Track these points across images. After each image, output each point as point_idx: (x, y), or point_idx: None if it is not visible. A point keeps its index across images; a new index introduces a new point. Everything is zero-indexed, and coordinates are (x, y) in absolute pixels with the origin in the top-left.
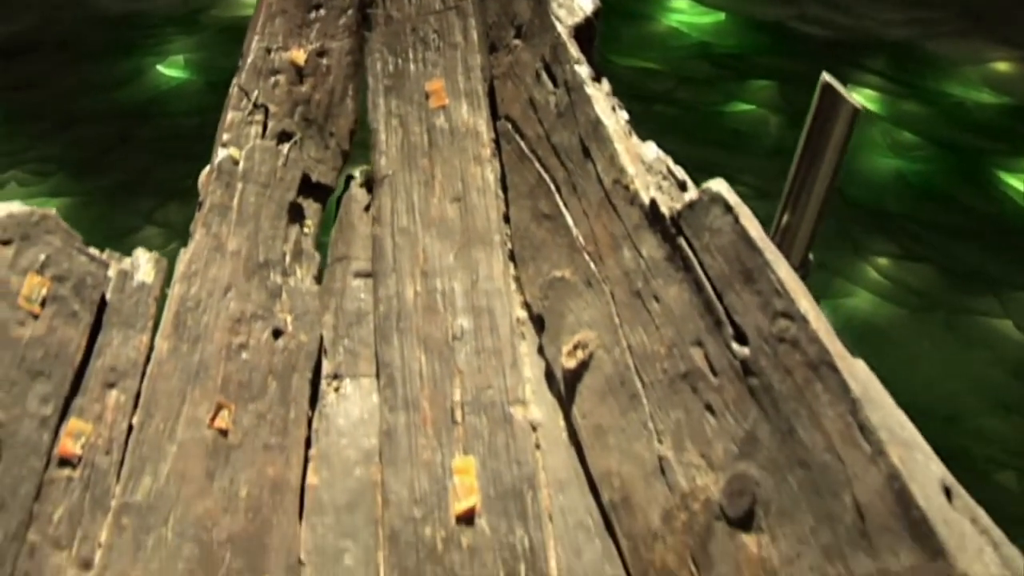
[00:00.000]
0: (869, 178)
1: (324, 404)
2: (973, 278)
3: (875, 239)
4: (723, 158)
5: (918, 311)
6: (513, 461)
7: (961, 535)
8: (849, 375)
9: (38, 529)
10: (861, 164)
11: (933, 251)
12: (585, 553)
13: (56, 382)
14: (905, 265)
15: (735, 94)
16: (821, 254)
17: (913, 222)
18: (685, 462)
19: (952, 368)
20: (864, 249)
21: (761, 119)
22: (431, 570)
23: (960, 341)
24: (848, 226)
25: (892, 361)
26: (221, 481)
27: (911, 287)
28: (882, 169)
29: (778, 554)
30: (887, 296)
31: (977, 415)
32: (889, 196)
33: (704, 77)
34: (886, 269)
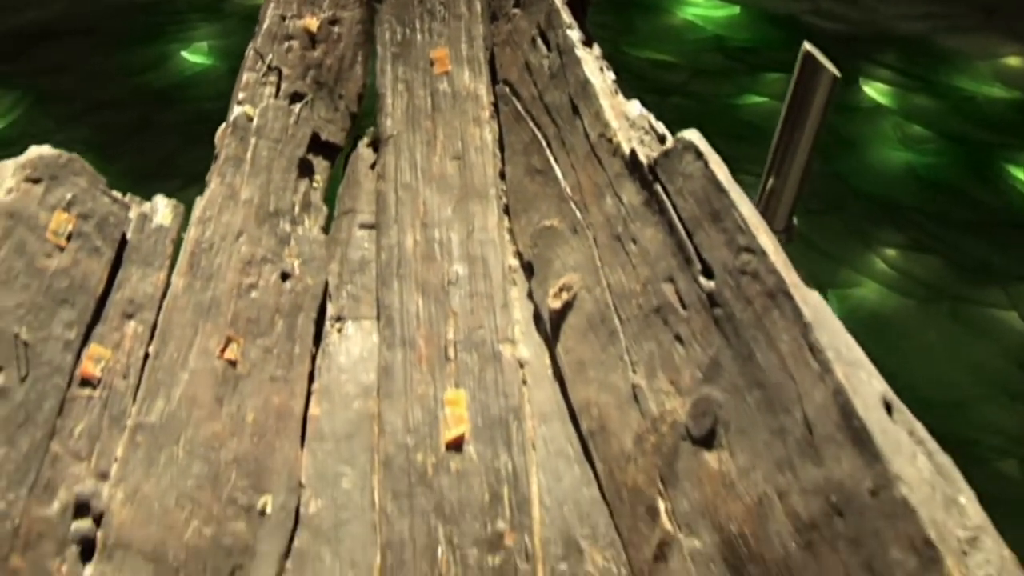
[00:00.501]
0: (879, 171)
1: (327, 343)
2: (980, 270)
3: (884, 230)
4: (736, 149)
5: (925, 302)
6: (500, 394)
7: (897, 443)
8: (802, 302)
9: (60, 441)
10: (872, 157)
11: (941, 243)
12: (564, 478)
13: (79, 310)
14: (913, 256)
15: (748, 87)
16: (829, 244)
17: (922, 214)
18: (656, 389)
19: (957, 358)
20: (872, 240)
21: (773, 111)
22: (421, 492)
23: (966, 332)
24: (857, 218)
25: (898, 350)
26: (229, 407)
27: (918, 278)
28: (892, 162)
29: (735, 468)
30: (894, 287)
31: (981, 404)
32: (899, 188)
33: (718, 70)
34: (894, 260)
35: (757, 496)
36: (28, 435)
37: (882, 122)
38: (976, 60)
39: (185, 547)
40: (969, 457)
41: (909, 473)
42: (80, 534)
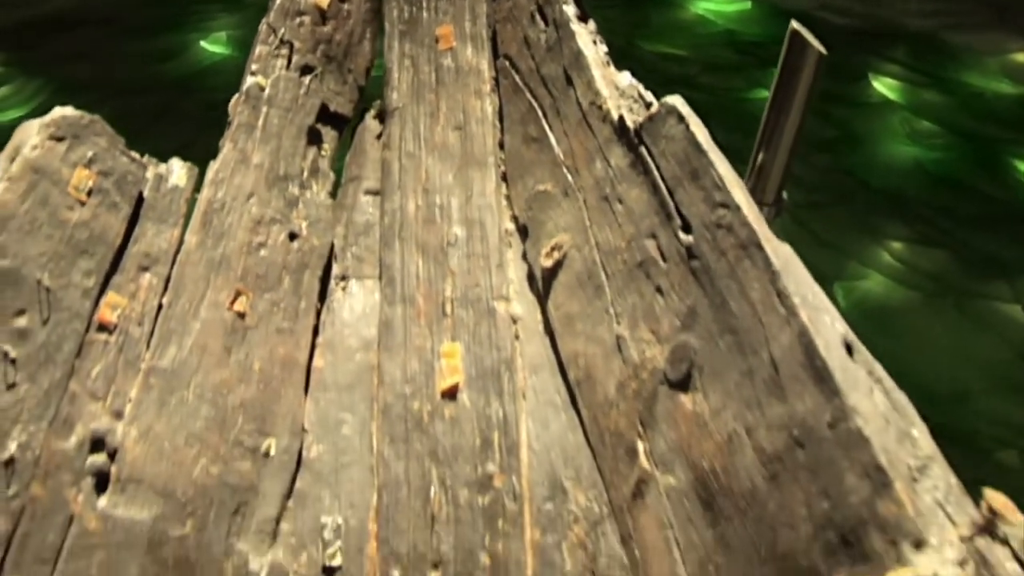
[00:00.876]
0: (888, 165)
1: (332, 300)
2: (985, 263)
3: (891, 224)
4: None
5: (930, 295)
6: (494, 347)
7: (855, 380)
8: (772, 253)
9: (78, 381)
10: (880, 151)
11: (947, 237)
12: (552, 425)
13: (98, 260)
14: (919, 250)
15: (759, 81)
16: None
17: (929, 208)
18: (638, 338)
19: (961, 350)
20: (880, 234)
21: None
22: (417, 438)
23: (970, 324)
24: (865, 211)
25: (903, 342)
26: (237, 355)
27: (924, 271)
28: (901, 157)
29: (708, 408)
30: (900, 279)
31: (984, 396)
32: (906, 183)
33: (729, 64)
34: (900, 253)
35: (727, 434)
36: (48, 374)
37: (891, 117)
38: (985, 56)
39: (193, 483)
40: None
41: (865, 407)
42: (95, 467)
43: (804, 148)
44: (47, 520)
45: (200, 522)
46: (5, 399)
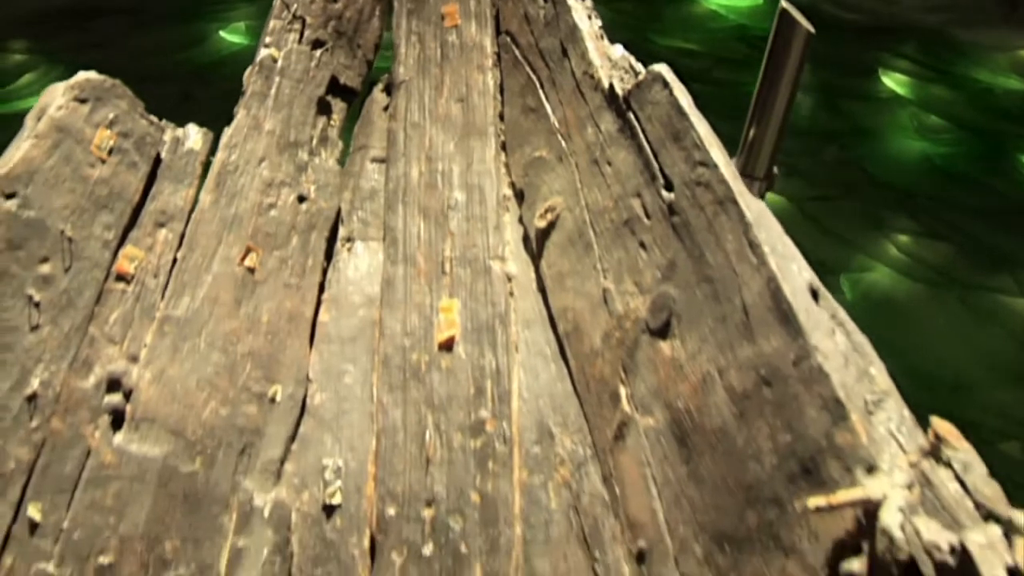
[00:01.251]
0: (896, 159)
1: (337, 260)
2: (990, 256)
3: (898, 217)
4: None
5: (935, 287)
6: (489, 303)
7: (818, 322)
8: (746, 207)
9: (97, 326)
10: (889, 146)
11: (953, 230)
12: (542, 375)
13: (117, 215)
14: (925, 242)
15: None
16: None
17: (935, 202)
18: (622, 291)
19: (965, 342)
20: (886, 226)
21: None
22: (414, 386)
23: (974, 316)
24: (872, 204)
25: (908, 333)
26: (246, 308)
27: (930, 263)
28: (909, 151)
29: (685, 353)
30: (906, 271)
31: (986, 387)
32: (914, 177)
33: (741, 58)
34: (906, 246)
35: (701, 375)
36: (69, 318)
37: (900, 112)
38: (994, 52)
39: (203, 424)
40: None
41: (826, 345)
42: (111, 406)
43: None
44: (66, 452)
45: (209, 460)
46: (29, 339)
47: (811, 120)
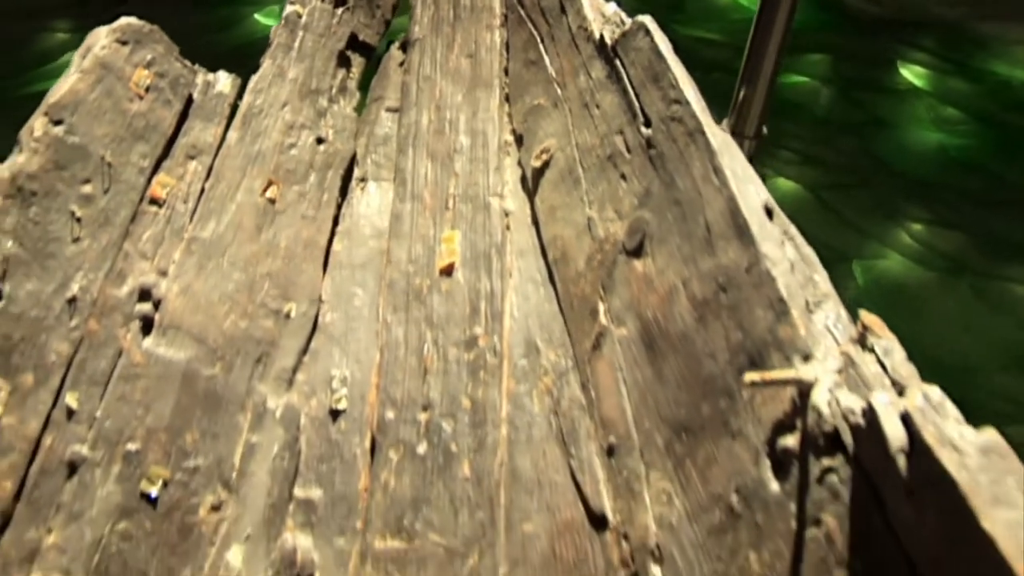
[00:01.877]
0: (911, 150)
1: (351, 197)
2: (1002, 246)
3: (911, 206)
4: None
5: (946, 274)
6: (487, 234)
7: (769, 234)
8: (712, 137)
9: (131, 243)
10: (905, 137)
11: (966, 219)
12: (532, 298)
13: (152, 145)
14: (938, 231)
15: (789, 66)
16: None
17: (950, 191)
18: (604, 218)
19: (974, 328)
20: (900, 215)
21: (812, 91)
22: (416, 307)
23: (984, 304)
24: (886, 193)
25: (918, 319)
26: (266, 234)
27: (941, 252)
28: (925, 142)
29: (655, 268)
30: (918, 259)
31: (994, 372)
32: (929, 167)
33: None
34: (919, 234)
35: (668, 287)
36: (107, 233)
37: (917, 104)
38: (1013, 46)
39: (223, 334)
40: (977, 420)
41: (775, 254)
42: (142, 314)
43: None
44: (101, 350)
45: (227, 365)
46: (71, 250)
47: (829, 110)
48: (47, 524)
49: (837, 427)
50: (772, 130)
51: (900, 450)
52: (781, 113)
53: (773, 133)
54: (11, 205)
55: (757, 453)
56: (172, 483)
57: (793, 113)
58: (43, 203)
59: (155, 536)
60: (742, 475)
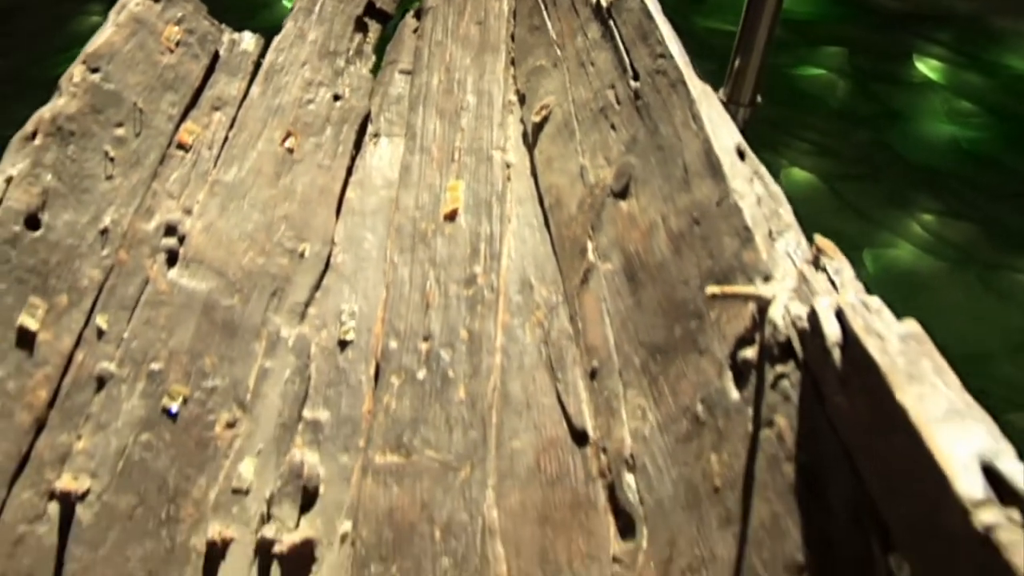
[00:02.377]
0: (925, 142)
1: (365, 151)
2: (1012, 237)
3: (923, 197)
4: (789, 115)
5: (956, 264)
6: (489, 183)
7: (739, 172)
8: (692, 87)
9: (159, 183)
10: (918, 129)
11: (976, 210)
12: (528, 241)
13: (180, 95)
14: (948, 222)
15: (807, 58)
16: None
17: (961, 183)
18: (595, 166)
19: (982, 317)
20: (911, 205)
21: (829, 83)
22: (421, 249)
23: (992, 294)
24: (898, 184)
25: (926, 307)
26: (284, 180)
27: (951, 242)
28: (938, 134)
29: (638, 208)
30: (927, 249)
31: (999, 360)
32: (941, 159)
33: (778, 41)
34: (929, 224)
35: (649, 223)
36: (137, 173)
37: (932, 97)
38: None
39: (242, 268)
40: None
41: (743, 188)
42: (167, 247)
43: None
44: (129, 278)
45: (245, 297)
46: (104, 186)
47: (844, 103)
48: (77, 431)
49: (789, 336)
50: (787, 121)
51: (835, 344)
52: (797, 104)
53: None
54: (51, 143)
55: (721, 366)
56: (191, 400)
57: (809, 104)
58: (80, 143)
59: (174, 447)
60: (707, 387)
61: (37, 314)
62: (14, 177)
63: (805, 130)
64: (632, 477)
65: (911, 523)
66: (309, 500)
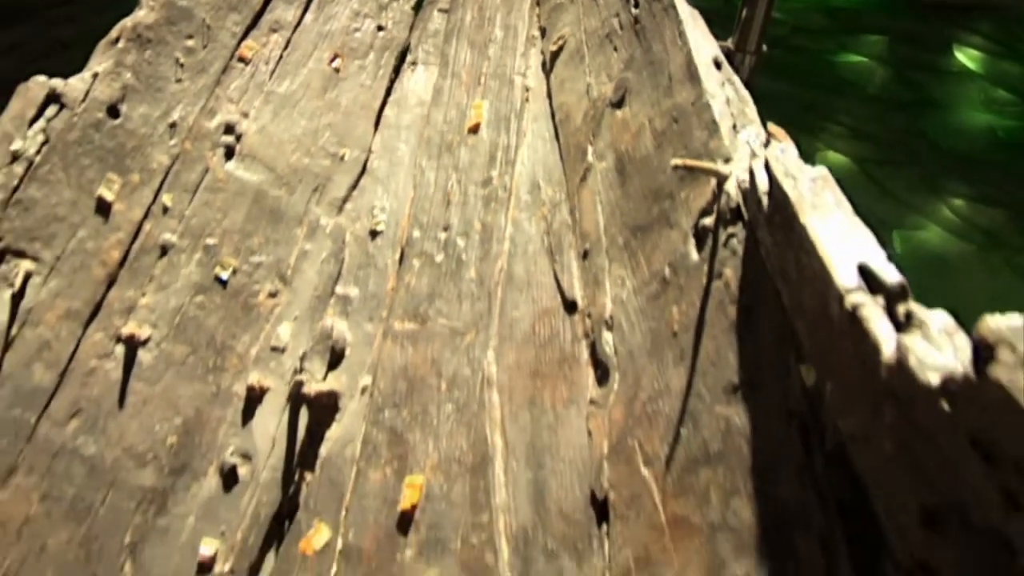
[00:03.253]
0: (960, 129)
1: (403, 76)
2: None
3: (955, 182)
4: (827, 101)
5: (983, 248)
6: (509, 102)
7: (713, 78)
8: (681, 9)
9: (221, 89)
10: (955, 117)
11: (1006, 196)
12: (540, 151)
13: (243, 16)
14: (978, 207)
15: (848, 46)
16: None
17: (994, 170)
18: (599, 83)
19: (1006, 300)
20: (943, 190)
21: (868, 70)
22: (446, 156)
23: (1018, 277)
24: (931, 169)
25: (952, 289)
26: (330, 94)
27: (980, 227)
28: (974, 123)
29: (631, 114)
30: (956, 232)
31: None
32: (976, 146)
33: (820, 28)
34: (959, 208)
35: (639, 126)
36: (203, 79)
37: (970, 86)
38: None
39: (289, 166)
40: None
41: (715, 91)
42: (226, 143)
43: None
44: (192, 166)
45: (290, 190)
46: (174, 87)
47: (882, 89)
48: (142, 289)
49: (739, 203)
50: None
51: (765, 193)
52: (835, 90)
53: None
54: (131, 47)
55: (686, 235)
56: (240, 272)
57: (847, 90)
58: (155, 49)
59: (223, 309)
60: (674, 253)
61: (113, 188)
62: (99, 73)
63: (842, 115)
64: (610, 335)
65: (811, 326)
66: (336, 359)
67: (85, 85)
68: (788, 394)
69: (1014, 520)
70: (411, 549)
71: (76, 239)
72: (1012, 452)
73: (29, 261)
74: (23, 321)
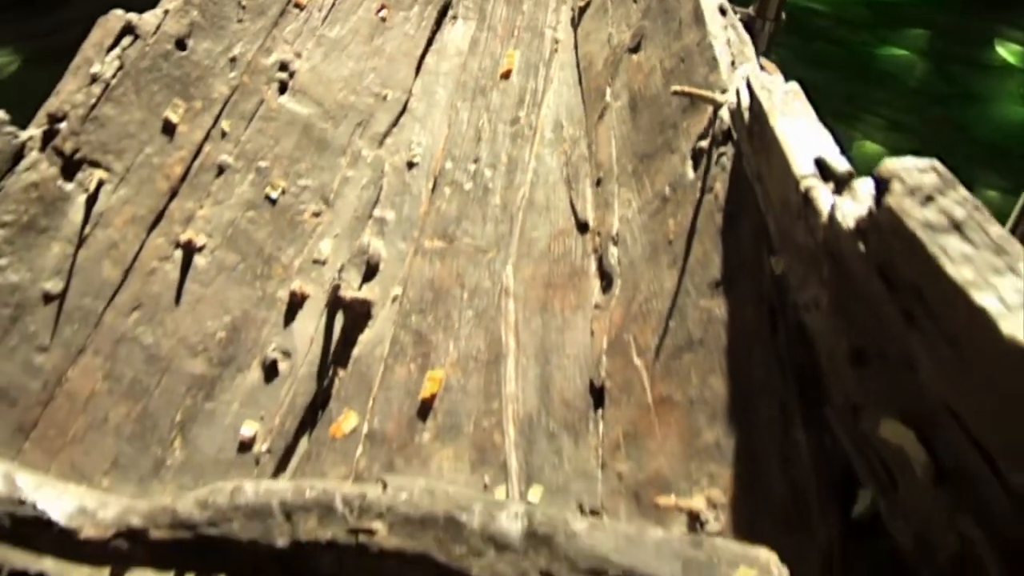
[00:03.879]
0: (997, 123)
1: (443, 29)
2: None
3: (988, 174)
4: (867, 92)
5: None
6: (539, 52)
7: (717, 22)
8: None
9: (277, 31)
10: (993, 111)
11: None
12: (564, 95)
13: None
14: (1010, 199)
15: (890, 39)
16: None
17: None
18: (619, 31)
19: None
20: (976, 181)
21: (909, 63)
22: (480, 99)
23: None
24: (966, 161)
25: None
26: (376, 41)
27: (1007, 216)
28: (1012, 116)
29: (644, 57)
30: None
31: None
32: (1013, 140)
33: (862, 21)
34: (992, 200)
35: (651, 67)
36: (262, 21)
37: (1009, 80)
38: None
39: (336, 102)
40: None
41: (718, 32)
42: (280, 79)
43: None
44: (249, 97)
45: (336, 123)
46: (235, 27)
47: (922, 82)
48: (200, 202)
49: (730, 125)
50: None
51: (746, 108)
52: (874, 81)
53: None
54: None
55: (684, 157)
56: (287, 192)
57: (886, 82)
58: None
59: (271, 225)
60: (674, 174)
61: (178, 111)
62: (170, 10)
63: (880, 107)
64: (615, 249)
65: (778, 217)
66: (371, 272)
67: (157, 20)
68: (760, 283)
69: (913, 335)
70: (429, 432)
71: (144, 154)
72: (906, 273)
73: (102, 171)
74: (95, 223)
